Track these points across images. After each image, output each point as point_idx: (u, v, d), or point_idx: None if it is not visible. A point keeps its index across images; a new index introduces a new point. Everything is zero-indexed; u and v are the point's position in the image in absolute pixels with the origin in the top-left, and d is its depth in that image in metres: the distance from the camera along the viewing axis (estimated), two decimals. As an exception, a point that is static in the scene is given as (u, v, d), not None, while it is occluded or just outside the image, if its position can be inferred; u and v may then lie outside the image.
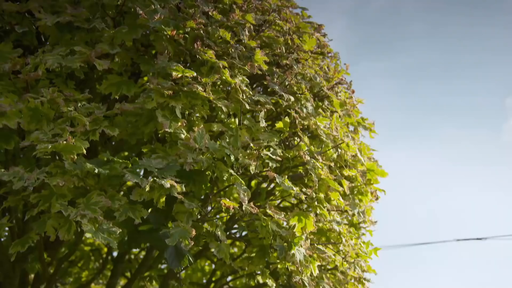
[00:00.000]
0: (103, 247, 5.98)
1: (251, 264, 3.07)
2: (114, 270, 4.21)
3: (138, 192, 2.27)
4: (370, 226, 3.90)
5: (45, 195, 2.16)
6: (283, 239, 2.76)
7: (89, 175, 2.27)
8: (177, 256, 2.30)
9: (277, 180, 2.71)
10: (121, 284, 5.46)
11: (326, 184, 3.08)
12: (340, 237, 3.35)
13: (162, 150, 2.60)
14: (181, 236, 2.30)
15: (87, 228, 1.93)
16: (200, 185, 2.62)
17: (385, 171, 3.73)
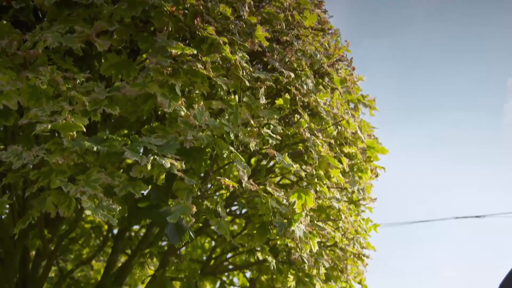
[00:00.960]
0: (103, 225, 6.01)
1: (251, 241, 3.08)
2: (114, 247, 4.23)
3: (138, 169, 2.26)
4: (369, 203, 3.91)
5: (45, 172, 2.15)
6: (283, 216, 2.77)
7: (89, 153, 2.26)
8: (178, 232, 2.31)
9: (277, 158, 2.70)
10: (121, 261, 5.50)
11: (326, 161, 3.07)
12: (339, 214, 3.36)
13: (161, 129, 2.59)
14: (181, 213, 2.30)
15: (87, 205, 1.93)
16: (200, 163, 2.61)
17: (385, 148, 3.73)
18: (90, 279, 6.10)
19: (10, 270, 3.48)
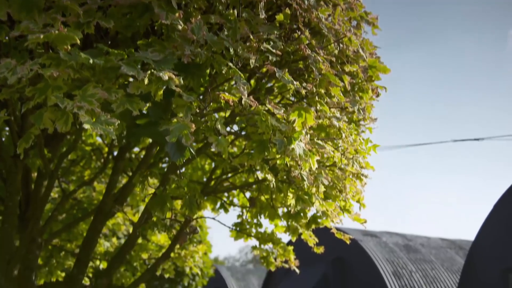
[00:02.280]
0: (103, 147, 6.05)
1: (251, 159, 3.08)
2: (114, 167, 4.26)
3: (135, 84, 2.21)
4: (369, 124, 3.89)
5: (41, 88, 2.11)
6: (283, 134, 2.75)
7: (85, 67, 2.20)
8: (178, 149, 2.29)
9: (277, 74, 2.64)
10: (123, 183, 5.58)
11: (327, 79, 3.01)
12: (339, 133, 3.35)
13: (158, 43, 2.51)
14: (181, 131, 2.28)
15: (85, 119, 1.90)
16: (199, 79, 2.56)
17: (387, 67, 3.66)
18: (92, 200, 6.22)
19: (13, 189, 3.52)
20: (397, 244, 12.96)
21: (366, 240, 12.54)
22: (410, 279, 11.54)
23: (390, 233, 13.93)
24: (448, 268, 12.33)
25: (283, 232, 4.99)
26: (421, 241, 13.70)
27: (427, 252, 12.88)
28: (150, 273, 4.41)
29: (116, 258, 3.99)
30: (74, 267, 4.04)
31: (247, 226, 5.15)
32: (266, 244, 5.19)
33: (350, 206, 4.31)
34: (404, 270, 11.72)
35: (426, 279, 11.72)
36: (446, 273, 12.13)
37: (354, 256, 12.32)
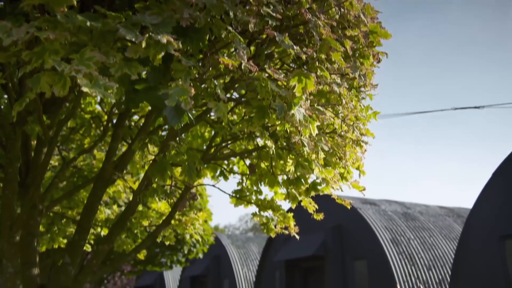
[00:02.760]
0: (103, 115, 6.03)
1: (250, 126, 3.07)
2: (114, 134, 4.25)
3: (133, 48, 2.18)
4: (370, 90, 3.86)
5: (38, 52, 2.08)
6: (283, 99, 2.73)
7: (82, 31, 2.17)
8: (177, 114, 2.28)
9: (277, 38, 2.61)
10: (122, 150, 5.58)
11: (328, 44, 2.98)
12: (340, 99, 3.32)
13: (156, 6, 2.47)
14: (180, 95, 2.26)
15: (83, 83, 1.88)
16: (198, 43, 2.52)
17: (388, 33, 3.61)
18: (92, 168, 6.23)
19: (13, 156, 3.52)
20: (396, 212, 13.07)
21: (365, 208, 12.64)
22: (408, 246, 11.67)
23: (389, 201, 14.03)
24: (446, 235, 12.45)
25: (283, 200, 5.02)
26: (419, 209, 13.80)
27: (426, 220, 12.99)
28: (151, 240, 4.45)
29: (117, 225, 4.02)
30: (75, 234, 4.08)
31: (247, 193, 5.17)
32: (266, 211, 5.22)
33: (349, 174, 4.32)
34: (402, 238, 11.84)
35: (424, 246, 11.86)
36: (443, 240, 12.26)
37: (353, 223, 12.43)
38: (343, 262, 12.36)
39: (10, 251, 3.57)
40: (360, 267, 12.07)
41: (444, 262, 11.58)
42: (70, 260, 4.03)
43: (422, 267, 11.33)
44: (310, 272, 13.97)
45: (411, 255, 11.44)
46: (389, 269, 10.94)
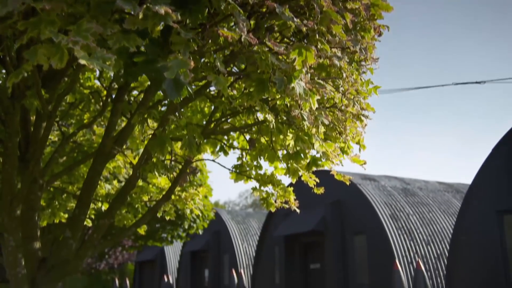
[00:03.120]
0: (102, 90, 6.00)
1: (250, 100, 3.05)
2: (113, 109, 4.23)
3: (131, 20, 2.15)
4: (371, 64, 3.83)
5: (34, 22, 2.05)
6: (283, 73, 2.71)
7: (79, 2, 2.13)
8: (176, 87, 2.26)
9: (277, 10, 2.57)
10: (122, 126, 5.57)
11: (328, 17, 2.94)
12: (340, 72, 3.30)
13: (154, -23, 2.42)
14: (179, 67, 2.23)
15: (81, 55, 1.86)
16: (197, 15, 2.49)
17: (390, 5, 3.56)
18: (92, 143, 6.23)
19: (12, 130, 3.51)
20: (395, 187, 13.12)
21: (364, 184, 12.68)
22: (407, 221, 11.75)
23: (389, 177, 14.07)
24: (444, 210, 12.53)
25: (283, 174, 5.02)
26: (419, 185, 13.85)
27: (425, 196, 13.05)
28: (151, 214, 4.47)
29: (117, 199, 4.03)
30: (75, 208, 4.09)
31: (247, 169, 5.17)
32: (266, 186, 5.23)
33: (350, 148, 4.31)
34: (401, 213, 11.91)
35: (422, 221, 11.94)
36: (442, 215, 12.34)
37: (352, 199, 12.49)
38: (342, 237, 12.45)
39: (11, 225, 3.59)
40: (360, 242, 12.18)
41: (443, 237, 11.67)
42: (71, 234, 4.05)
43: (420, 242, 11.42)
44: (310, 247, 14.09)
45: (410, 230, 11.53)
46: (388, 244, 11.04)
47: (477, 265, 9.23)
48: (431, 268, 11.04)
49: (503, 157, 9.04)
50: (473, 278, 9.27)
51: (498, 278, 8.74)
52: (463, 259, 9.53)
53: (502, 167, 9.03)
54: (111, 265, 23.05)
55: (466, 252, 9.48)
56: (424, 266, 10.80)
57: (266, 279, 15.87)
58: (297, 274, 14.17)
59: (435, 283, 10.82)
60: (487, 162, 9.29)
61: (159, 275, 23.55)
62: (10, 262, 3.67)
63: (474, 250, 9.32)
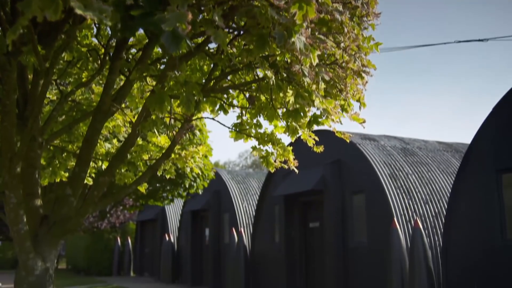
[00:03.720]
0: (100, 48, 5.92)
1: (250, 55, 3.01)
2: (111, 67, 4.19)
3: (127, -29, 2.10)
4: (373, 20, 3.76)
5: (26, -28, 1.99)
6: (283, 27, 2.66)
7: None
8: (175, 39, 2.22)
9: (278, -38, 2.50)
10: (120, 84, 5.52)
11: (330, -31, 2.87)
12: (341, 27, 3.24)
13: None
14: (177, 20, 2.19)
15: (76, 5, 1.81)
16: (195, -33, 2.42)
17: (393, -42, 3.47)
18: (91, 102, 6.19)
19: (9, 87, 3.48)
20: (395, 147, 13.14)
21: (364, 144, 12.70)
22: (406, 180, 11.82)
23: (389, 137, 14.08)
24: (443, 170, 12.59)
25: (282, 133, 5.02)
26: (418, 145, 13.88)
27: (424, 155, 13.09)
28: (151, 172, 4.48)
29: (117, 157, 4.04)
30: (75, 166, 4.10)
31: (247, 127, 5.16)
32: (265, 144, 5.24)
33: (350, 106, 4.29)
34: (400, 172, 11.97)
35: (421, 181, 12.02)
36: (441, 175, 12.41)
37: (352, 159, 12.54)
38: (341, 196, 12.56)
39: (12, 182, 3.61)
40: (358, 201, 12.29)
41: (441, 196, 11.77)
42: (72, 191, 4.08)
43: (419, 200, 11.53)
44: (309, 206, 14.24)
45: (408, 189, 11.62)
46: (387, 203, 11.14)
47: (474, 223, 9.34)
48: (428, 226, 11.18)
49: (503, 116, 9.02)
50: (469, 236, 9.40)
51: (495, 236, 8.86)
52: (460, 218, 9.63)
53: (502, 126, 9.02)
54: (113, 224, 23.36)
55: (463, 211, 9.58)
56: (422, 225, 10.94)
57: (265, 238, 16.11)
58: (296, 232, 14.38)
59: (432, 241, 10.98)
60: (487, 121, 9.28)
61: (160, 234, 23.90)
62: (12, 218, 3.70)
63: (472, 208, 9.41)
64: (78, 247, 29.03)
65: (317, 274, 13.61)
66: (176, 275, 22.02)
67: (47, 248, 3.96)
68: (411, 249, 9.75)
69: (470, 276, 9.24)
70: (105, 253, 27.29)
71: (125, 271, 26.92)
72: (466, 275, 9.32)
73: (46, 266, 3.91)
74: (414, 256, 9.64)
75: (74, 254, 30.52)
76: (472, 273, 9.22)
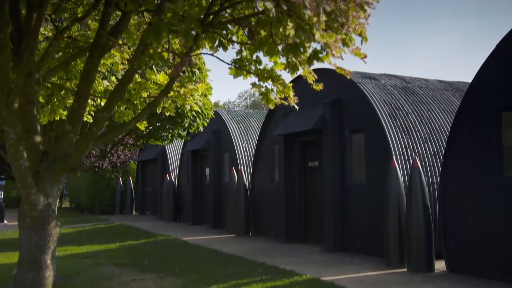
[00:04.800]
0: (94, -18, 5.75)
1: (249, -14, 2.91)
2: (107, 0, 4.08)
3: None
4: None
5: None
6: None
7: None
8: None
9: None
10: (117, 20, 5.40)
11: None
12: (344, -44, 3.12)
13: None
14: None
15: None
16: None
17: None
18: (88, 39, 6.07)
19: (2, 20, 3.40)
20: (395, 86, 13.05)
21: (365, 82, 12.60)
22: (406, 119, 11.81)
23: (389, 76, 13.96)
24: (443, 109, 12.56)
25: (282, 69, 4.95)
26: (419, 83, 13.77)
27: (424, 94, 13.01)
28: (151, 108, 4.46)
29: (115, 92, 4.00)
30: (74, 102, 4.08)
31: (246, 63, 5.09)
32: (265, 81, 5.18)
33: (351, 41, 4.21)
34: (400, 111, 11.95)
35: (421, 120, 12.01)
36: (441, 113, 12.39)
37: (352, 98, 12.48)
38: (341, 135, 12.60)
39: (10, 118, 3.59)
40: (358, 139, 12.34)
41: (440, 135, 11.80)
42: (71, 128, 4.07)
43: (418, 139, 11.57)
44: (309, 145, 14.31)
45: (408, 129, 11.63)
46: (386, 142, 11.18)
47: (472, 161, 9.41)
48: (427, 165, 11.28)
49: (505, 55, 8.90)
50: (467, 173, 9.50)
51: (492, 173, 8.95)
52: (458, 156, 9.70)
53: (505, 64, 8.91)
54: (114, 164, 23.58)
55: (462, 149, 9.63)
56: (421, 163, 11.03)
57: (265, 177, 16.30)
58: (295, 172, 14.53)
59: (430, 179, 11.11)
60: (489, 59, 9.16)
61: (161, 173, 24.18)
62: (13, 154, 3.71)
63: (471, 147, 9.46)
64: (81, 186, 29.47)
65: (315, 212, 13.87)
66: (177, 213, 22.46)
67: (49, 184, 4.00)
68: (409, 187, 9.88)
69: (466, 213, 9.42)
70: (107, 192, 27.74)
71: (127, 210, 27.46)
72: (462, 211, 9.50)
73: (49, 201, 3.96)
74: (412, 193, 9.79)
75: (77, 194, 31.03)
76: (468, 210, 9.39)
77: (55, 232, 3.97)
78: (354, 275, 9.61)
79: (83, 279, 9.98)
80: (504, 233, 8.62)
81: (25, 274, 3.84)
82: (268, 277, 9.39)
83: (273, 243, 14.38)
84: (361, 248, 11.88)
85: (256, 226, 16.62)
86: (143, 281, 9.61)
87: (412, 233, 9.73)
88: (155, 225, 20.37)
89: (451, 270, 9.62)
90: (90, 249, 14.30)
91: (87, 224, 21.56)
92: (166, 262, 11.54)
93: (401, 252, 10.14)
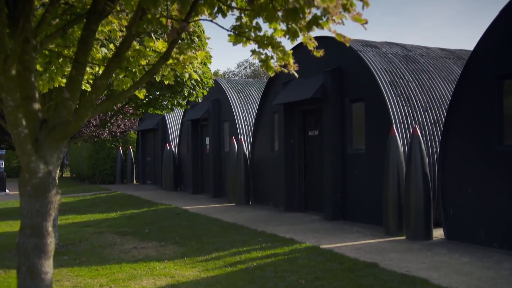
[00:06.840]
0: None
1: None
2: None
3: None
4: None
5: None
6: None
7: None
8: None
9: None
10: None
11: None
12: None
13: None
14: None
15: None
16: None
17: None
18: (86, 5, 5.98)
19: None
20: (396, 54, 12.94)
21: (365, 50, 12.49)
22: (406, 88, 11.75)
23: (390, 44, 13.82)
24: (444, 77, 12.48)
25: (282, 36, 4.89)
26: (420, 52, 13.65)
27: (425, 62, 12.91)
28: (149, 75, 4.43)
29: (113, 59, 3.96)
30: (72, 69, 4.04)
31: (246, 30, 5.03)
32: (265, 48, 5.12)
33: (352, 6, 4.14)
34: (401, 80, 11.87)
35: (422, 88, 11.95)
36: (442, 82, 12.32)
37: (352, 66, 12.39)
38: (341, 104, 12.56)
39: (7, 85, 3.56)
40: (358, 108, 12.30)
41: (441, 103, 11.76)
42: (70, 95, 4.05)
43: (418, 108, 11.53)
44: (309, 114, 14.28)
45: (409, 97, 11.58)
46: (386, 111, 11.15)
47: (472, 129, 9.40)
48: (427, 134, 11.27)
49: (507, 23, 8.79)
50: (467, 142, 9.50)
51: (492, 141, 8.95)
52: (459, 124, 9.68)
53: (507, 32, 8.81)
54: (114, 134, 23.60)
55: (462, 118, 9.61)
56: (421, 132, 11.02)
57: (265, 146, 16.32)
58: (295, 141, 14.54)
59: (430, 148, 11.12)
60: (491, 28, 9.05)
61: (160, 143, 24.22)
62: (11, 121, 3.70)
63: (471, 115, 9.44)
64: (82, 156, 29.55)
65: (315, 181, 13.93)
66: (178, 183, 22.58)
67: (49, 151, 3.99)
68: (409, 155, 9.90)
69: (465, 181, 9.46)
70: (107, 162, 27.83)
71: (128, 179, 27.60)
72: (462, 180, 9.54)
73: (49, 169, 3.96)
74: (411, 161, 9.81)
75: (78, 163, 31.15)
76: (467, 178, 9.42)
77: (56, 200, 3.98)
78: (353, 243, 9.71)
79: (85, 247, 10.10)
80: (502, 202, 8.67)
81: (27, 240, 3.86)
82: (268, 245, 9.49)
83: (273, 212, 14.50)
84: (361, 216, 11.98)
85: (256, 195, 16.73)
86: (144, 249, 9.72)
87: (411, 202, 9.80)
88: (155, 195, 20.51)
89: (449, 238, 9.72)
90: (91, 218, 14.43)
91: (88, 194, 21.70)
92: (167, 231, 11.66)
93: (400, 220, 10.23)
